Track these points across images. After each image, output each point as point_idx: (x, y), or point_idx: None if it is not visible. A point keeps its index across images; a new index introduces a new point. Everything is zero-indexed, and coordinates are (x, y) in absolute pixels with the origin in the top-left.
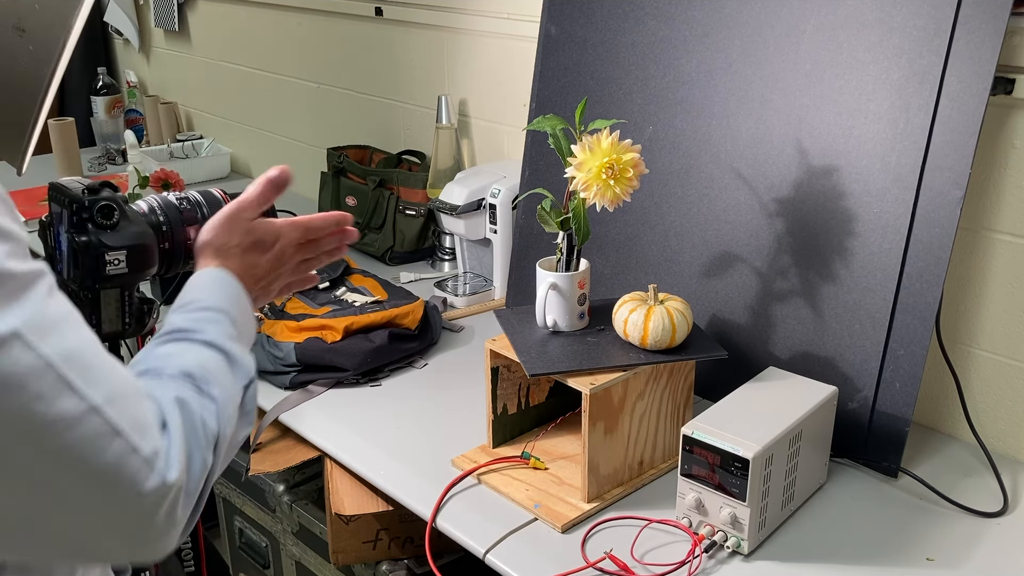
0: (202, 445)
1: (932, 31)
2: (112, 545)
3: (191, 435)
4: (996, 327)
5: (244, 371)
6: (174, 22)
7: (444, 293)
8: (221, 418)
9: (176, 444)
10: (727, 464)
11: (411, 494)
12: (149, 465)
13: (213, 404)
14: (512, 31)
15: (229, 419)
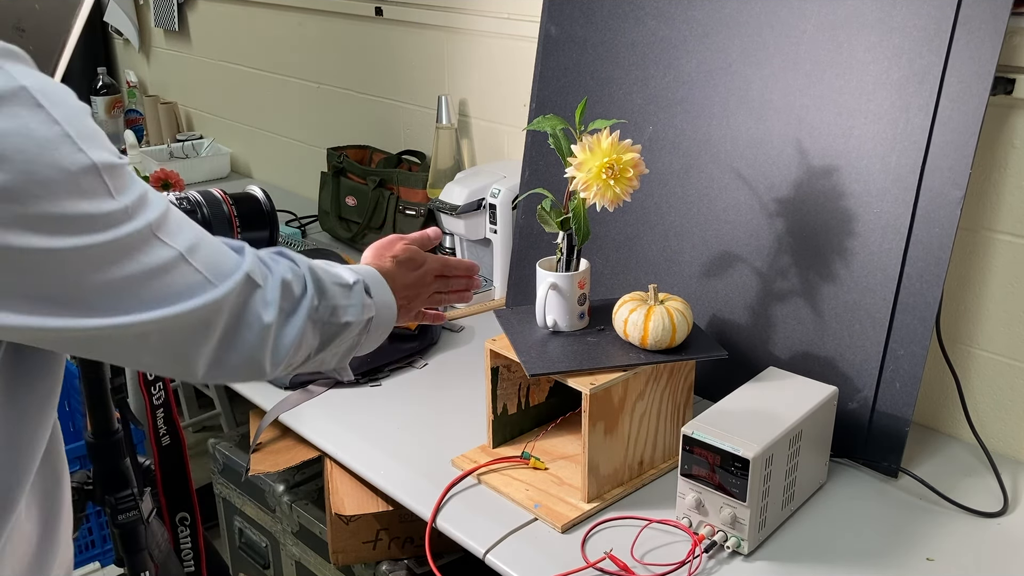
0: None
1: (932, 31)
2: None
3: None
4: (996, 327)
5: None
6: (174, 22)
7: None
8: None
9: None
10: (727, 464)
11: (411, 494)
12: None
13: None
14: (512, 31)
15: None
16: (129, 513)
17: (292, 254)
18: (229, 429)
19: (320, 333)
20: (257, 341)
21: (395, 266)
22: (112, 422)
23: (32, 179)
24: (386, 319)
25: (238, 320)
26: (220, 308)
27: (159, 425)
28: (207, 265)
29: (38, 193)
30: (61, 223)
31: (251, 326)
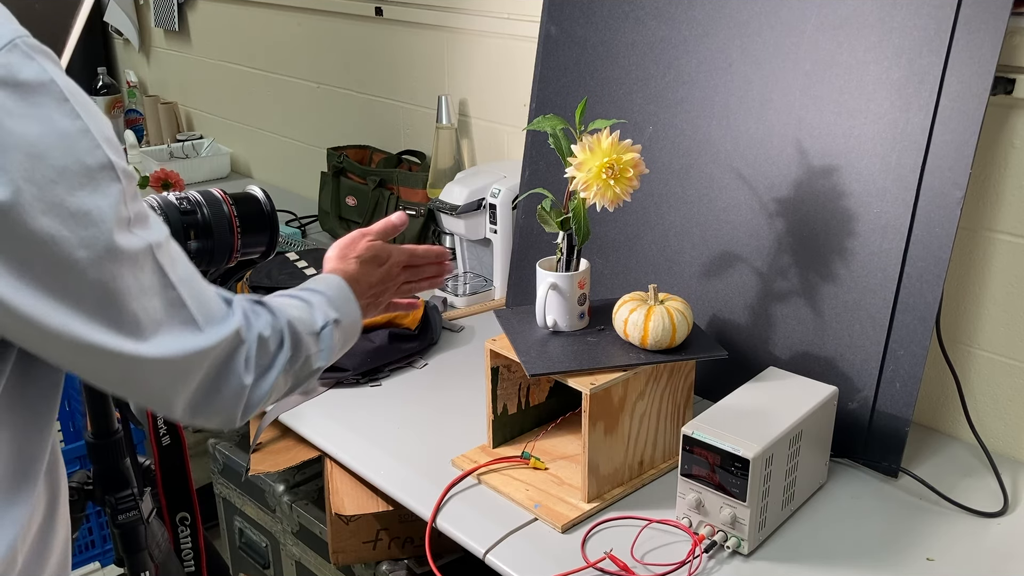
0: (261, 328)
1: (932, 31)
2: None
3: (255, 320)
4: (996, 327)
5: (320, 313)
6: (174, 22)
7: (444, 293)
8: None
9: (237, 316)
10: (727, 464)
11: (411, 494)
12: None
13: (272, 315)
14: (512, 31)
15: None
16: (129, 513)
17: (273, 305)
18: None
19: (292, 380)
20: (233, 398)
21: (359, 266)
22: (112, 422)
23: (49, 164)
24: (351, 333)
25: (218, 375)
26: (205, 358)
27: (159, 425)
28: (198, 305)
29: (54, 178)
30: (74, 213)
31: (230, 383)
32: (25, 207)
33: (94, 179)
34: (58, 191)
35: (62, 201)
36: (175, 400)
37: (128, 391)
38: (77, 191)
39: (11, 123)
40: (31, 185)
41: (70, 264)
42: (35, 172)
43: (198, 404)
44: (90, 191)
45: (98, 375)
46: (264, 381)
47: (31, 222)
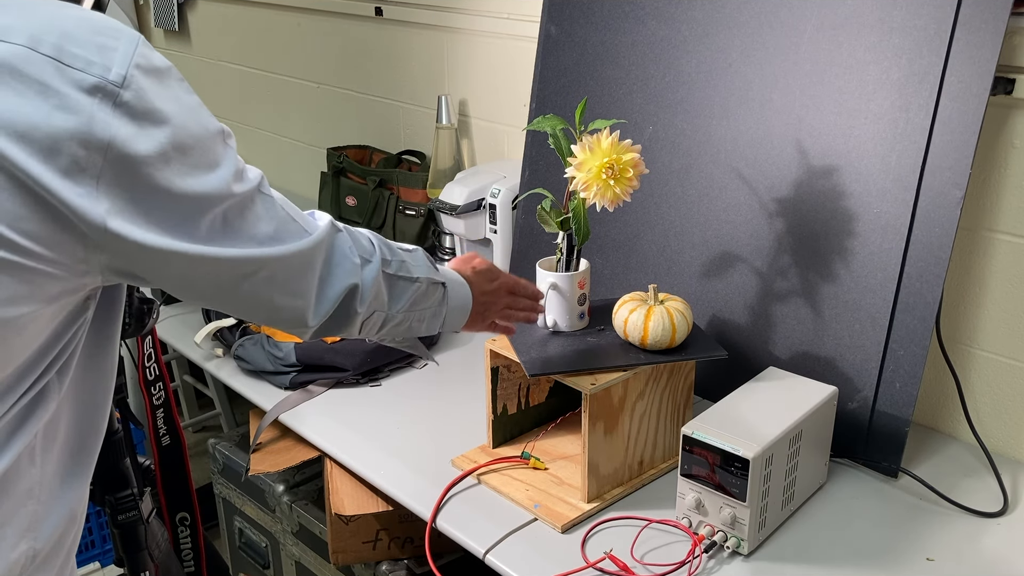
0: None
1: (932, 31)
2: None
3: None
4: (996, 327)
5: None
6: (174, 22)
7: None
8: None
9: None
10: (727, 464)
11: (411, 494)
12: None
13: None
14: (512, 31)
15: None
16: (129, 513)
17: None
18: (229, 429)
19: (394, 286)
20: (348, 277)
21: (474, 274)
22: (112, 422)
23: (189, 134)
24: (461, 296)
25: (331, 259)
26: (318, 249)
27: (159, 425)
28: (300, 218)
29: (192, 144)
30: (210, 169)
31: (341, 264)
32: (173, 169)
33: (216, 143)
34: (196, 155)
35: (198, 163)
36: (309, 293)
37: (276, 297)
38: (207, 154)
39: (160, 103)
40: (178, 152)
41: (208, 210)
42: (180, 142)
43: (322, 294)
44: (215, 154)
45: (249, 288)
46: (369, 268)
47: (178, 181)
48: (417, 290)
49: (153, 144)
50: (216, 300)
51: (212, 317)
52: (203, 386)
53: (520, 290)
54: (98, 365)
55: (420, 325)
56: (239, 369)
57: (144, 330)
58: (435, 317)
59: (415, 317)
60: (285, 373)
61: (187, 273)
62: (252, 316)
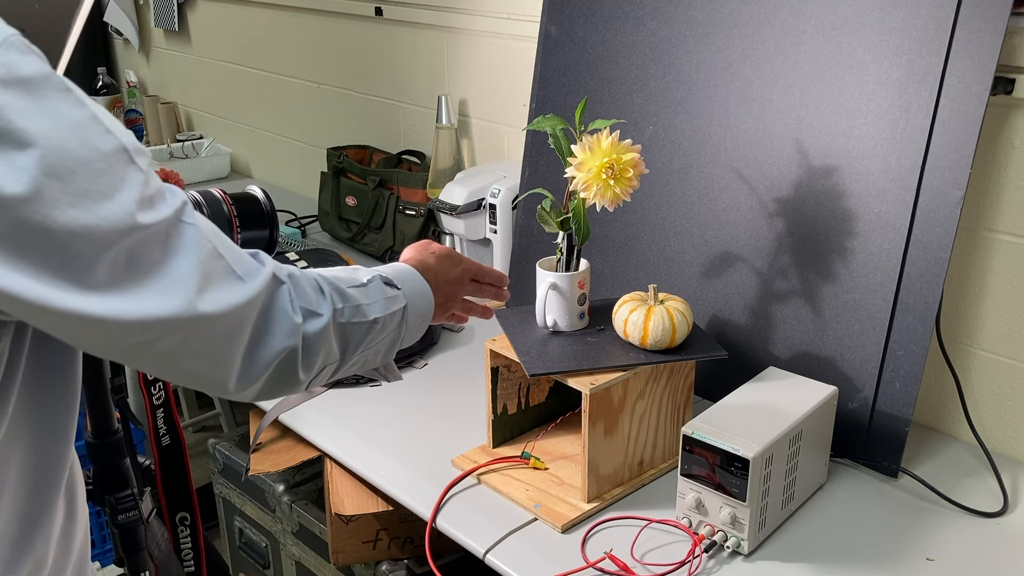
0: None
1: (932, 31)
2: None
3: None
4: (996, 327)
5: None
6: (174, 22)
7: None
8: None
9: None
10: (727, 464)
11: (411, 494)
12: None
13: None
14: (512, 31)
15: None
16: (129, 513)
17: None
18: (229, 429)
19: (348, 334)
20: (285, 338)
21: (436, 261)
22: (112, 422)
23: (70, 156)
24: (422, 308)
25: (267, 317)
26: (251, 306)
27: (159, 425)
28: (233, 257)
29: (75, 169)
30: (104, 197)
31: (279, 323)
32: (50, 202)
33: (114, 165)
34: (80, 181)
35: (86, 191)
36: (234, 360)
37: (186, 363)
38: (99, 178)
39: (23, 121)
40: (54, 180)
41: (104, 249)
42: (57, 166)
43: (253, 357)
44: (111, 178)
45: (157, 354)
46: (314, 323)
47: (60, 216)
48: (374, 330)
49: (16, 172)
50: (115, 357)
51: None
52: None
53: (483, 276)
54: (52, 396)
55: (376, 358)
56: None
57: None
58: (392, 344)
59: (371, 352)
60: None
61: (77, 333)
62: (160, 375)
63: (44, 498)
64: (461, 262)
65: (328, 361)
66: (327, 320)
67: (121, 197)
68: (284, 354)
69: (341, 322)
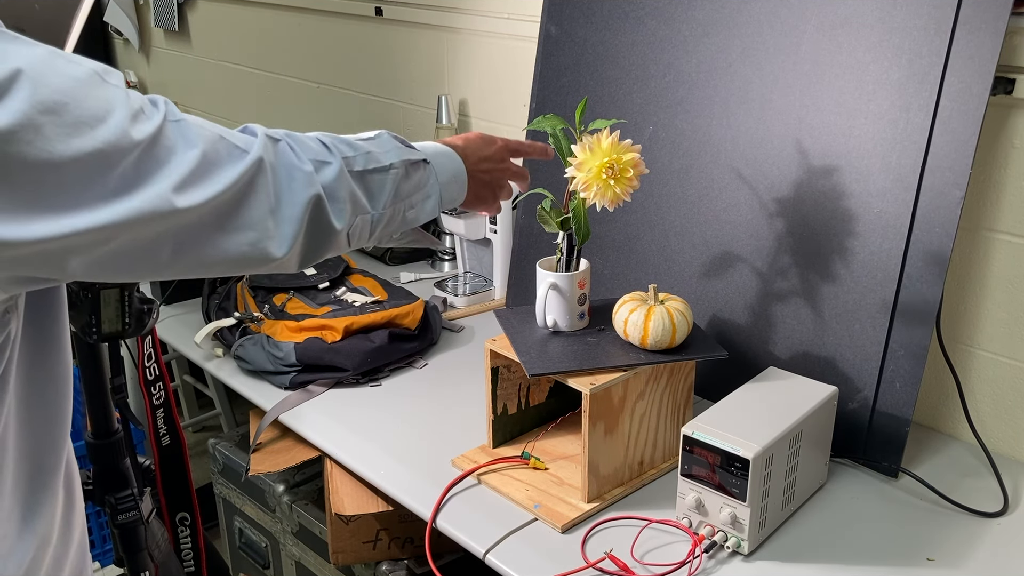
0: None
1: (932, 31)
2: None
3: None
4: (996, 327)
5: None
6: (174, 22)
7: (444, 293)
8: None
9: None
10: (727, 464)
11: (411, 494)
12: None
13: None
14: (512, 31)
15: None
16: (129, 513)
17: None
18: (229, 429)
19: (369, 182)
20: (305, 188)
21: (465, 142)
22: (112, 422)
23: (53, 89)
24: (451, 168)
25: (278, 174)
26: (258, 168)
27: (159, 425)
28: (228, 135)
29: (63, 99)
30: (99, 121)
31: (292, 176)
32: (52, 139)
33: (93, 88)
34: (72, 111)
35: (79, 119)
36: (265, 223)
37: (224, 243)
38: (86, 103)
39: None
40: (49, 115)
41: (111, 167)
42: (45, 101)
43: (283, 215)
44: (97, 100)
45: (194, 241)
46: (327, 170)
47: (64, 149)
48: (396, 178)
49: (9, 116)
50: (149, 270)
51: (212, 317)
52: (203, 386)
53: (524, 149)
54: (46, 375)
55: (414, 213)
56: (239, 369)
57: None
58: (428, 199)
59: (405, 206)
60: (285, 373)
61: (105, 251)
62: (203, 272)
63: (44, 480)
64: (495, 140)
65: (359, 211)
66: (339, 165)
67: (113, 117)
68: (310, 204)
69: (357, 170)
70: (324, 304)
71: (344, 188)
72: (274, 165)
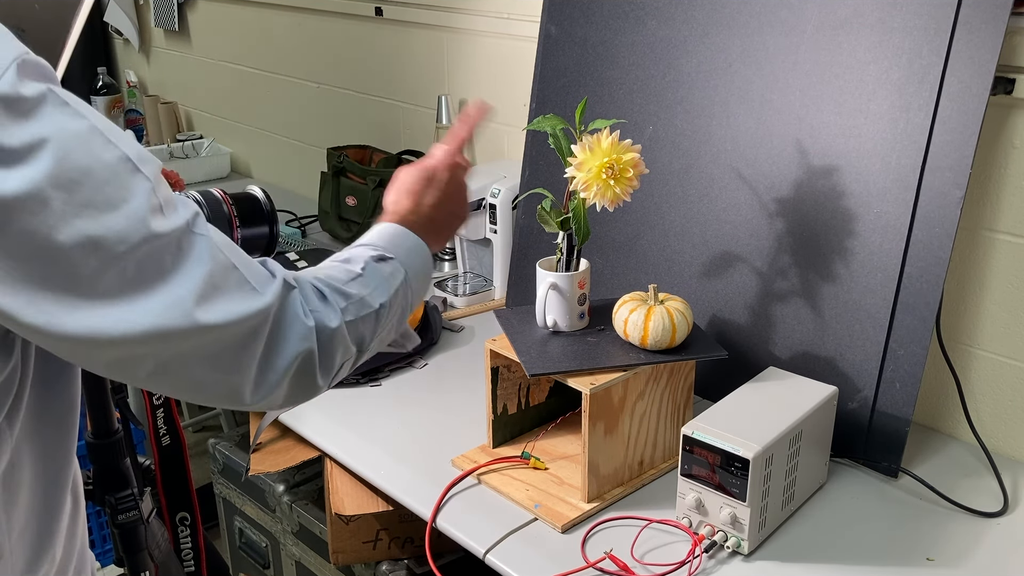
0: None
1: (932, 31)
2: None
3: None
4: (996, 327)
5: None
6: (174, 22)
7: (444, 293)
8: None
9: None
10: (727, 464)
11: (411, 494)
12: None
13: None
14: (512, 31)
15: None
16: (129, 513)
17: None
18: (229, 429)
19: (360, 328)
20: (301, 342)
21: (412, 199)
22: (112, 422)
23: (73, 166)
24: (420, 267)
25: (280, 324)
26: (267, 314)
27: (159, 425)
28: (246, 267)
29: (79, 178)
30: (113, 207)
31: (294, 328)
32: (57, 213)
33: (120, 174)
34: (85, 192)
35: (90, 201)
36: (248, 369)
37: (198, 373)
38: (104, 188)
39: (25, 136)
40: (59, 191)
41: (111, 260)
42: (61, 177)
43: (271, 365)
44: (119, 187)
45: (165, 365)
46: (326, 327)
47: (65, 228)
48: (383, 314)
49: (20, 183)
50: (121, 374)
51: None
52: None
53: (460, 142)
54: (58, 397)
55: (390, 335)
56: None
57: None
58: (403, 315)
59: (385, 333)
60: None
61: (85, 352)
62: (167, 392)
63: (56, 496)
64: (434, 175)
65: (345, 358)
66: (339, 322)
67: (128, 207)
68: (300, 358)
69: (349, 320)
70: None
71: (339, 345)
72: (279, 314)
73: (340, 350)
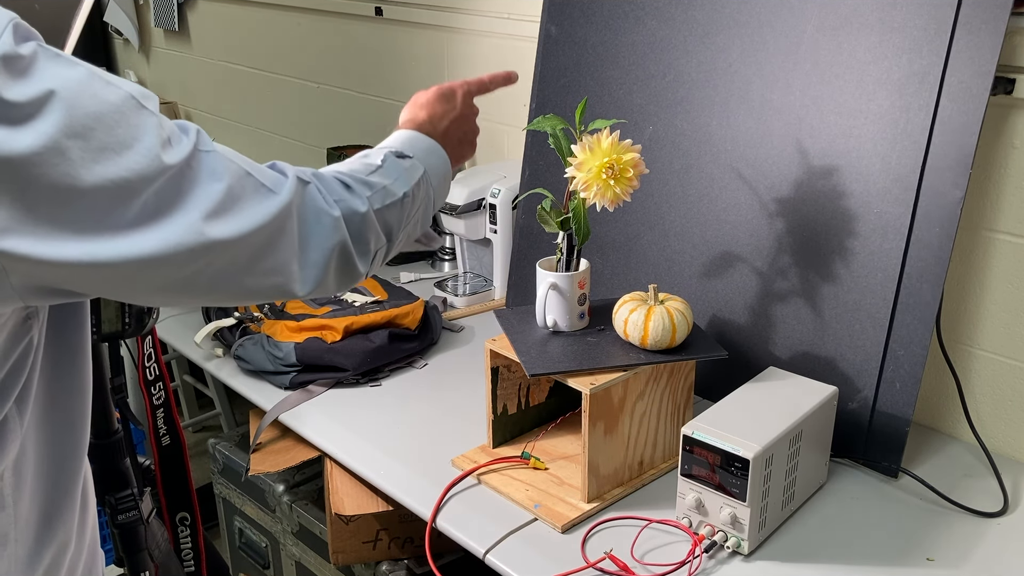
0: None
1: (932, 31)
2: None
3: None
4: (996, 327)
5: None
6: (174, 22)
7: (444, 293)
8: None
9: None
10: (727, 464)
11: (411, 494)
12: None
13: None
14: (512, 31)
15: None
16: (129, 513)
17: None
18: (229, 429)
19: (387, 217)
20: (331, 235)
21: (428, 112)
22: (112, 422)
23: (84, 113)
24: (439, 166)
25: (305, 219)
26: (288, 211)
27: (159, 425)
28: (258, 172)
29: (92, 124)
30: (126, 147)
31: (321, 220)
32: (76, 161)
33: (126, 114)
34: (99, 136)
35: (106, 144)
36: (290, 267)
37: (247, 281)
38: (115, 129)
39: (30, 90)
40: (75, 139)
41: (133, 196)
42: (73, 124)
43: (309, 260)
44: (128, 127)
45: (214, 278)
46: (354, 214)
47: (87, 174)
48: (407, 204)
49: (36, 138)
50: (173, 299)
51: (212, 317)
52: (203, 386)
53: (486, 85)
54: (67, 383)
55: (416, 228)
56: (239, 369)
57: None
58: (427, 210)
59: (412, 225)
60: (285, 373)
61: (127, 279)
62: (224, 302)
63: (65, 487)
64: (453, 95)
65: (378, 246)
66: (366, 208)
67: (141, 145)
68: (336, 249)
69: (376, 208)
70: (324, 304)
71: (371, 231)
72: (302, 209)
73: (373, 236)
